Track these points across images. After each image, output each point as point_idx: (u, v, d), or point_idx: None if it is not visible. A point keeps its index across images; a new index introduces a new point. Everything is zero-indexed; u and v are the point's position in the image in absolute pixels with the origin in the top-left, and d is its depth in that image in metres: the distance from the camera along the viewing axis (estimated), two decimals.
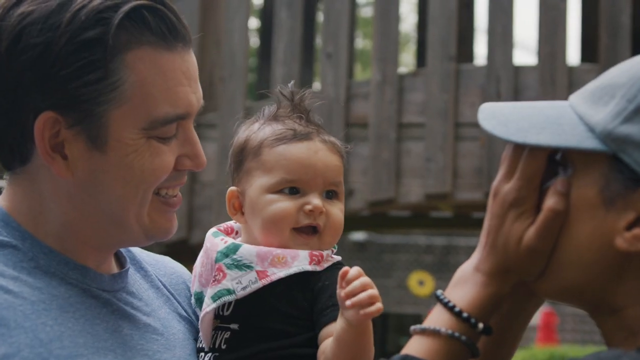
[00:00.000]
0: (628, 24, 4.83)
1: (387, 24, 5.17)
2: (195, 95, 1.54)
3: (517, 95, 4.92)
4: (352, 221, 7.26)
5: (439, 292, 1.35)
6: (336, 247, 1.77)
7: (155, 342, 1.61)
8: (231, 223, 1.82)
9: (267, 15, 6.13)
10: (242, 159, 1.76)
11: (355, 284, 1.51)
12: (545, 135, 1.23)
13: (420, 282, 17.44)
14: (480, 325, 1.30)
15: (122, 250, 1.71)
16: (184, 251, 4.76)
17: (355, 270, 1.53)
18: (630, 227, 1.21)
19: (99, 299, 1.56)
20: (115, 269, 1.65)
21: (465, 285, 1.32)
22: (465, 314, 1.29)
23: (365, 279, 1.53)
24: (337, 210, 1.74)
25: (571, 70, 4.92)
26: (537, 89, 4.87)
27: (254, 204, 1.72)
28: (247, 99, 5.40)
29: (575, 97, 1.31)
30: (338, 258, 1.75)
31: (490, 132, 1.27)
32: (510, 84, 4.92)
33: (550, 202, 1.26)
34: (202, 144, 1.60)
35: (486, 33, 5.06)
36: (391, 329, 18.32)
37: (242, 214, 1.76)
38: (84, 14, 1.43)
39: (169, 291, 1.76)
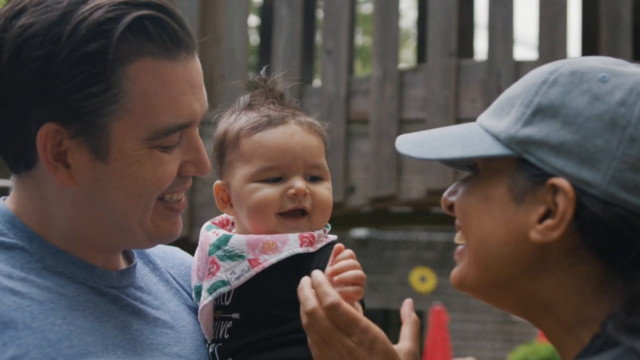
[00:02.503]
0: (629, 17, 4.82)
1: (388, 19, 5.16)
2: (199, 103, 1.54)
3: None
4: (354, 218, 7.24)
5: None
6: (329, 227, 1.78)
7: (165, 335, 1.62)
8: (226, 215, 1.83)
9: (266, 12, 6.13)
10: (223, 152, 1.77)
11: (344, 263, 1.53)
12: (457, 150, 1.36)
13: (422, 279, 17.44)
14: None
15: None
16: (185, 249, 4.73)
17: (347, 251, 1.55)
18: (541, 220, 1.32)
19: (107, 296, 1.56)
20: (123, 264, 1.65)
21: None
22: None
23: (354, 262, 1.54)
24: (323, 189, 1.74)
25: None
26: None
27: (238, 194, 1.73)
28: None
29: (481, 116, 1.44)
30: (333, 237, 1.75)
31: (406, 154, 1.40)
32: (511, 79, 4.91)
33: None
34: (203, 142, 1.60)
35: (487, 28, 5.05)
36: (393, 325, 18.34)
37: (231, 206, 1.76)
38: (85, 26, 1.43)
39: (179, 283, 1.77)
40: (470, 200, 1.40)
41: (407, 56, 20.10)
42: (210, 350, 1.70)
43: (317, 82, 6.58)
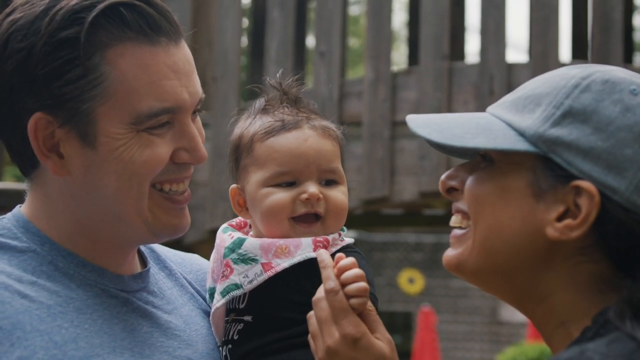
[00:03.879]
0: (620, 21, 4.85)
1: (380, 21, 5.17)
2: (186, 89, 1.55)
3: (510, 92, 4.92)
4: (346, 220, 7.22)
5: None
6: (345, 230, 1.78)
7: (176, 338, 1.63)
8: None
9: (257, 14, 6.13)
10: (238, 157, 1.78)
11: (349, 274, 1.52)
12: (481, 139, 1.39)
13: (410, 280, 17.46)
14: None
15: (146, 250, 1.73)
16: (179, 250, 4.75)
17: (349, 260, 1.54)
18: (560, 218, 1.36)
19: (117, 299, 1.58)
20: (138, 269, 1.67)
21: None
22: None
23: (358, 271, 1.53)
24: (337, 193, 1.74)
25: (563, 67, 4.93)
26: None
27: (253, 199, 1.74)
28: (240, 98, 5.39)
29: (496, 109, 1.46)
30: (349, 241, 1.75)
31: (426, 138, 1.41)
32: (503, 81, 4.93)
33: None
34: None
35: (479, 31, 5.06)
36: None
37: (247, 209, 1.77)
38: (60, 14, 1.47)
39: (195, 288, 1.78)
40: (485, 189, 1.42)
41: (397, 58, 20.13)
42: (224, 353, 1.71)
43: (309, 85, 6.59)
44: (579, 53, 5.82)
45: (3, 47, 1.50)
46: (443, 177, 1.49)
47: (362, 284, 1.52)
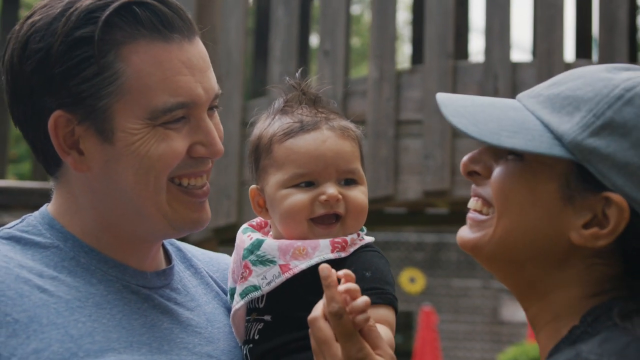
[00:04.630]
0: (624, 20, 4.84)
1: (384, 20, 5.17)
2: (201, 85, 1.57)
3: (514, 91, 4.92)
4: None
5: None
6: (364, 229, 1.77)
7: (197, 335, 1.65)
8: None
9: (261, 13, 6.12)
10: (258, 157, 1.78)
11: (351, 290, 1.47)
12: (519, 140, 1.37)
13: (411, 279, 17.45)
14: None
15: (172, 249, 1.76)
16: None
17: (346, 272, 1.50)
18: (586, 225, 1.37)
19: (139, 295, 1.60)
20: (163, 265, 1.70)
21: None
22: None
23: (356, 287, 1.48)
24: (357, 193, 1.73)
25: (568, 66, 4.93)
26: (535, 86, 4.87)
27: (272, 200, 1.74)
28: (244, 97, 5.39)
29: (530, 101, 1.44)
30: (369, 240, 1.74)
31: (463, 131, 1.39)
32: (508, 80, 4.93)
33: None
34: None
35: (484, 30, 5.06)
36: None
37: (267, 210, 1.77)
38: (75, 15, 1.52)
39: (220, 287, 1.80)
40: (515, 186, 1.42)
41: (401, 57, 20.13)
42: (244, 352, 1.71)
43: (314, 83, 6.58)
44: (584, 52, 5.81)
45: (23, 49, 1.55)
46: (465, 159, 1.48)
47: (366, 299, 1.47)
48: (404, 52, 19.11)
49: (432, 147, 4.98)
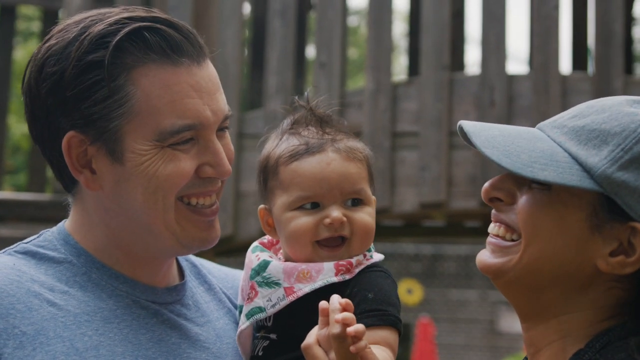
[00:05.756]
0: (620, 32, 4.85)
1: (380, 32, 5.17)
2: (209, 107, 1.61)
3: (510, 103, 4.92)
4: None
5: None
6: (372, 249, 1.77)
7: (205, 351, 1.68)
8: None
9: (257, 25, 6.12)
10: (265, 178, 1.80)
11: (349, 320, 1.49)
12: (550, 172, 1.41)
13: (408, 291, 17.43)
14: None
15: (186, 264, 1.80)
16: None
17: (344, 302, 1.51)
18: (612, 253, 1.42)
19: (148, 310, 1.64)
20: (175, 281, 1.74)
21: None
22: None
23: (352, 316, 1.50)
24: (363, 215, 1.73)
25: (564, 79, 4.93)
26: (531, 98, 4.88)
27: (278, 221, 1.76)
28: (240, 109, 5.38)
29: (554, 132, 1.48)
30: (377, 258, 1.75)
31: (496, 162, 1.43)
32: (504, 92, 4.93)
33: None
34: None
35: (480, 42, 5.06)
36: None
37: (275, 230, 1.79)
38: (88, 39, 1.58)
39: (233, 303, 1.83)
40: (544, 215, 1.45)
41: (397, 69, 20.18)
42: None
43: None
44: (580, 64, 5.82)
45: (39, 72, 1.61)
46: (487, 185, 1.51)
47: (361, 328, 1.49)
48: (401, 63, 19.13)
49: (428, 159, 4.97)
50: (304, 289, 1.68)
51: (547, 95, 4.85)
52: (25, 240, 1.69)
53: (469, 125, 1.49)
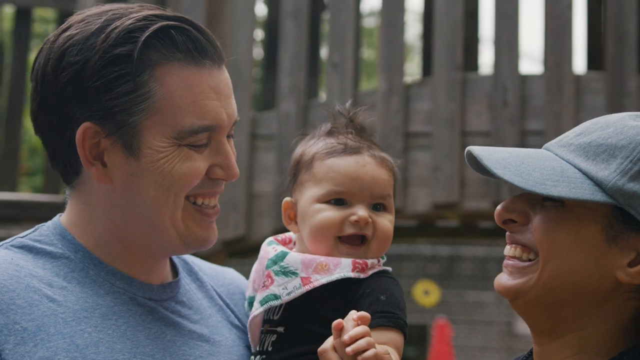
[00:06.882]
0: (634, 32, 4.82)
1: (393, 33, 5.16)
2: (225, 110, 1.65)
3: (523, 103, 4.91)
4: None
5: None
6: (384, 258, 1.83)
7: (199, 347, 1.70)
8: (290, 234, 1.91)
9: (270, 26, 6.13)
10: (297, 172, 1.86)
11: (362, 343, 1.54)
12: (563, 188, 1.43)
13: (425, 292, 17.39)
14: None
15: (179, 262, 1.82)
16: None
17: (360, 328, 1.55)
18: (630, 263, 1.44)
19: (144, 307, 1.66)
20: (169, 279, 1.76)
21: None
22: None
23: (370, 340, 1.55)
24: (385, 221, 1.80)
25: (578, 78, 4.91)
26: (544, 98, 4.86)
27: (304, 213, 1.81)
28: (252, 109, 5.39)
29: (561, 150, 1.50)
30: (386, 268, 1.81)
31: (510, 182, 1.45)
32: (517, 92, 4.91)
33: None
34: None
35: (492, 42, 5.05)
36: None
37: (296, 223, 1.84)
38: (115, 32, 1.59)
39: (223, 300, 1.86)
40: (560, 232, 1.47)
41: (410, 69, 20.15)
42: None
43: (322, 96, 6.58)
44: (594, 64, 5.79)
45: (59, 60, 1.61)
46: (500, 208, 1.53)
47: (373, 351, 1.54)
48: (416, 64, 19.11)
49: (441, 160, 4.96)
50: (321, 279, 1.73)
51: (561, 95, 4.82)
52: (21, 234, 1.70)
53: (477, 150, 1.52)
